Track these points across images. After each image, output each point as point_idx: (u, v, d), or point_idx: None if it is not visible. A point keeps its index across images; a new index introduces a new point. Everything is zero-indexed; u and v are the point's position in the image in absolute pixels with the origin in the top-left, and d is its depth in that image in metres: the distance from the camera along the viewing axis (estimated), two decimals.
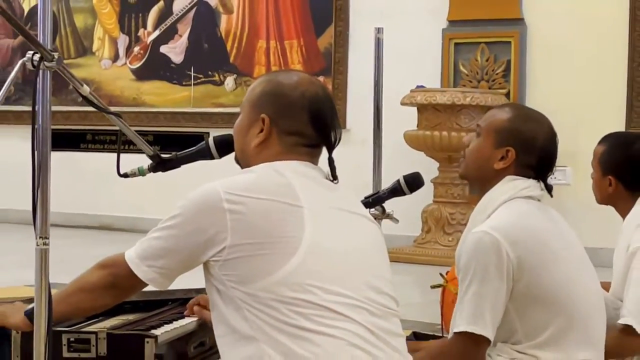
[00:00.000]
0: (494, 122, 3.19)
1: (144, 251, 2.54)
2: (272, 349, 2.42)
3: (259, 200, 2.46)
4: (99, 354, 2.89)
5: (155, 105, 8.79)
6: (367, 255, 2.61)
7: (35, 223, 2.60)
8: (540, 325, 3.07)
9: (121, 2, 9.14)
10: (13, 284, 5.45)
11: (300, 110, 2.58)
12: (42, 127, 2.62)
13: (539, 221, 3.13)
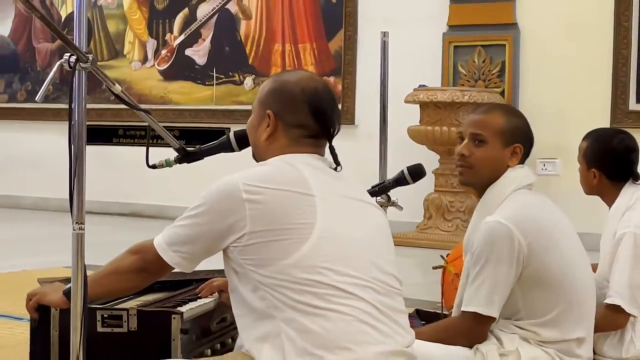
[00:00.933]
0: (495, 125, 3.17)
1: (170, 237, 2.56)
2: (287, 326, 2.44)
3: (275, 191, 2.47)
4: (130, 328, 2.90)
5: (180, 103, 8.80)
6: (373, 239, 2.62)
7: (72, 210, 2.61)
8: (543, 307, 3.07)
9: (150, 9, 9.14)
10: (52, 266, 5.48)
11: (302, 105, 2.61)
12: (78, 123, 2.63)
13: (542, 211, 3.17)
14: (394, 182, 3.69)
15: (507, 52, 7.42)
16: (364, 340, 2.47)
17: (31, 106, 9.70)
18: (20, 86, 9.85)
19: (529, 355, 3.02)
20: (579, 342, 3.09)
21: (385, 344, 2.51)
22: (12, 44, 9.91)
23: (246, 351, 2.54)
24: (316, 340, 2.43)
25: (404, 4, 7.72)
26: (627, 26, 7.02)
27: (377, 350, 2.48)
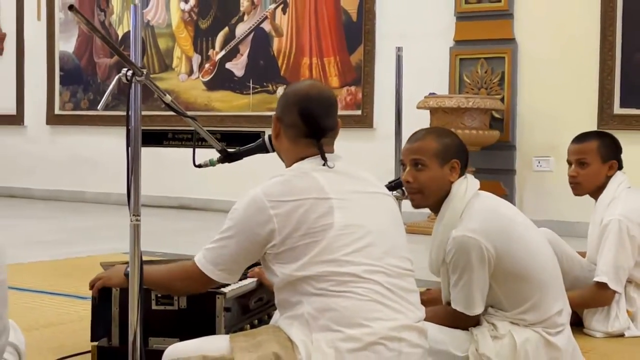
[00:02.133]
0: (430, 148, 3.13)
1: (215, 259, 2.60)
2: (312, 307, 2.48)
3: (295, 202, 2.51)
4: (180, 307, 2.93)
5: (222, 110, 8.83)
6: (385, 227, 2.64)
7: (129, 204, 2.63)
8: (521, 297, 3.10)
9: (195, 28, 9.16)
10: (112, 252, 5.50)
11: (292, 107, 2.63)
12: (134, 128, 2.65)
13: (500, 214, 3.19)
14: None
15: (506, 63, 7.39)
16: (377, 317, 2.49)
17: (92, 113, 9.75)
18: (83, 96, 9.89)
19: (521, 337, 3.03)
20: (559, 314, 3.10)
21: (396, 319, 2.53)
22: (76, 60, 9.95)
23: (278, 326, 2.57)
24: (336, 318, 2.46)
25: (416, 22, 7.71)
26: (611, 40, 6.98)
27: (389, 325, 2.51)
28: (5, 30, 10.46)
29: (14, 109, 10.37)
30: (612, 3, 6.97)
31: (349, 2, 8.24)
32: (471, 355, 2.97)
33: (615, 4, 6.97)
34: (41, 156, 10.12)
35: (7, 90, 10.40)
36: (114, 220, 7.75)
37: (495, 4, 7.46)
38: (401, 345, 2.51)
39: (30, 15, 10.20)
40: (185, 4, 9.21)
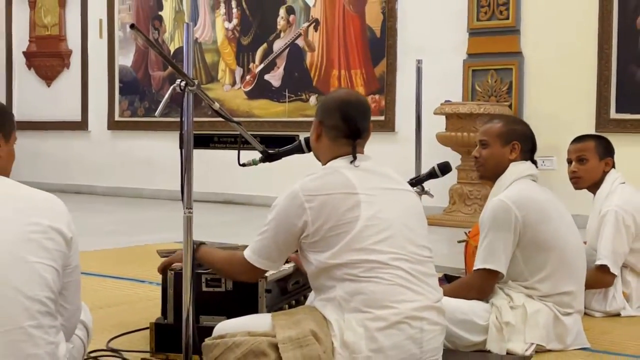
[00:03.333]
0: (494, 131, 3.27)
1: (260, 251, 2.64)
2: (344, 292, 2.49)
3: (327, 196, 2.54)
4: (227, 289, 2.94)
5: (261, 116, 8.85)
6: (408, 219, 2.66)
7: (183, 198, 2.65)
8: (539, 267, 3.10)
9: (237, 44, 9.18)
10: (166, 241, 5.53)
11: (335, 111, 2.65)
12: (187, 132, 2.68)
13: (536, 193, 3.22)
14: (427, 175, 3.71)
15: (513, 74, 7.36)
16: (401, 299, 2.50)
17: (148, 119, 9.81)
18: (139, 105, 9.95)
19: (533, 308, 3.04)
20: (570, 296, 3.10)
21: (418, 301, 2.54)
22: (133, 73, 10.01)
23: (314, 306, 2.58)
24: (365, 301, 2.47)
25: (433, 37, 7.68)
26: (608, 53, 6.94)
27: (412, 306, 2.52)
28: (71, 47, 10.54)
29: (79, 116, 10.45)
30: (609, 20, 6.93)
31: (373, 20, 8.22)
32: (491, 323, 2.98)
33: (611, 21, 6.93)
34: (103, 158, 10.20)
35: (73, 99, 10.49)
36: (167, 213, 7.81)
37: (504, 21, 7.41)
38: (422, 324, 2.52)
39: (93, 34, 10.28)
40: (229, 23, 9.23)
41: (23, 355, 2.10)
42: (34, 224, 2.17)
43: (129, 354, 2.92)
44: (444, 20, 7.72)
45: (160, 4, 9.75)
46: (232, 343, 2.46)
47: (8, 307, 2.08)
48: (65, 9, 10.55)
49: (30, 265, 2.12)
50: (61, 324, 2.25)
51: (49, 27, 10.72)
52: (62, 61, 10.61)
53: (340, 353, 2.45)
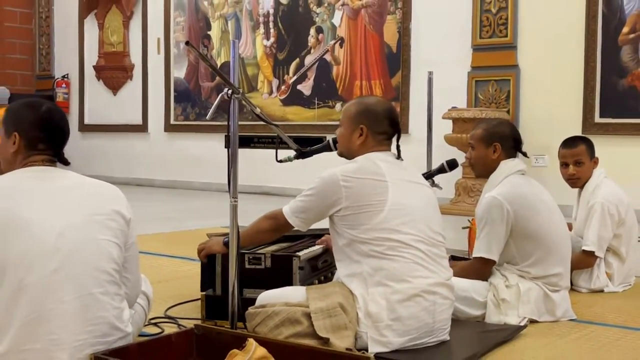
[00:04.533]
0: (477, 134, 3.26)
1: (295, 209, 2.65)
2: (368, 267, 2.50)
3: (361, 179, 2.55)
4: (266, 266, 2.96)
5: (294, 120, 8.87)
6: (426, 208, 2.69)
7: (229, 189, 2.67)
8: (529, 253, 3.09)
9: (274, 59, 9.19)
10: (214, 226, 5.56)
11: (384, 119, 2.67)
12: (232, 134, 2.69)
13: (525, 188, 3.20)
14: (437, 170, 3.70)
15: (511, 84, 7.31)
16: (418, 275, 2.51)
17: (198, 123, 9.85)
18: (191, 111, 10.00)
19: (525, 287, 3.04)
20: (558, 276, 3.09)
21: (432, 278, 2.54)
22: (186, 83, 10.05)
23: (341, 282, 2.59)
24: (387, 276, 2.48)
25: (442, 53, 7.65)
26: (593, 66, 6.89)
27: (427, 282, 2.52)
28: (133, 61, 10.61)
29: (141, 120, 10.52)
30: (594, 38, 6.87)
31: (390, 38, 8.20)
32: (489, 300, 2.98)
33: (596, 39, 6.87)
34: (160, 155, 10.25)
35: (135, 106, 10.55)
36: (215, 202, 7.84)
37: (503, 38, 7.37)
38: (435, 298, 2.53)
39: (152, 50, 10.34)
40: (267, 41, 9.24)
41: (93, 316, 2.14)
42: (100, 208, 2.21)
43: (183, 321, 2.94)
44: (451, 38, 7.68)
45: (209, 24, 9.78)
46: (271, 312, 2.49)
47: (80, 276, 2.12)
48: (128, 29, 10.62)
49: (98, 242, 2.17)
50: (125, 292, 2.28)
51: (115, 45, 10.80)
52: (126, 73, 10.68)
53: (364, 322, 2.46)
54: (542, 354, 2.61)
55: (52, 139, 2.24)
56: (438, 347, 2.55)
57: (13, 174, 2.21)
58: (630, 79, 6.77)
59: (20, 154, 2.23)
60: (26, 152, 2.23)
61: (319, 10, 8.79)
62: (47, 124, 2.23)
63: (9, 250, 2.05)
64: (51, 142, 2.24)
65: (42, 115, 2.23)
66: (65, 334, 2.06)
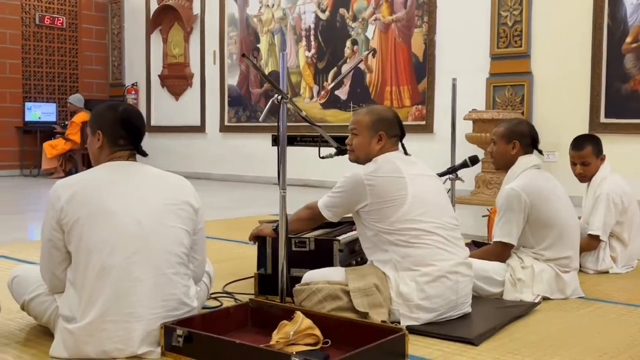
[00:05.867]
0: (498, 132, 3.24)
1: (327, 203, 2.68)
2: (396, 254, 2.51)
3: (382, 178, 2.56)
4: (310, 249, 2.97)
5: (332, 122, 8.87)
6: (439, 197, 2.71)
7: (279, 181, 2.69)
8: (542, 238, 3.06)
9: (315, 68, 9.21)
10: (266, 213, 5.60)
11: (395, 124, 2.65)
12: (281, 134, 2.70)
13: (540, 181, 3.17)
14: (460, 166, 3.69)
15: (525, 89, 7.21)
16: (441, 259, 2.51)
17: (248, 124, 9.92)
18: (242, 113, 10.07)
19: (539, 268, 3.01)
20: (568, 259, 3.07)
21: (453, 259, 2.54)
22: (238, 90, 10.12)
23: (375, 265, 2.60)
24: (414, 261, 2.48)
25: (463, 61, 7.59)
26: (599, 72, 6.77)
27: (449, 263, 2.52)
28: (193, 71, 10.71)
29: (199, 121, 10.62)
30: (600, 47, 6.75)
31: (417, 48, 8.15)
32: (506, 279, 2.97)
33: (602, 48, 6.75)
34: (216, 152, 10.34)
35: (194, 110, 10.66)
36: (263, 193, 7.91)
37: (518, 48, 7.28)
38: (457, 277, 2.53)
39: (209, 61, 10.42)
40: (309, 52, 9.26)
41: (166, 293, 2.18)
42: (172, 198, 2.25)
43: (239, 296, 2.98)
44: (472, 49, 7.61)
45: (258, 38, 9.83)
46: (315, 289, 2.51)
47: (155, 258, 2.16)
48: (188, 43, 10.72)
49: (169, 229, 2.21)
50: (192, 270, 2.32)
51: (177, 57, 10.91)
52: (186, 81, 10.79)
53: (396, 301, 2.47)
54: (555, 327, 2.60)
55: (131, 135, 2.28)
56: (461, 319, 2.55)
57: (98, 168, 2.27)
58: (633, 83, 6.64)
59: (104, 149, 2.28)
60: (109, 147, 2.28)
61: (354, 25, 8.77)
62: (125, 122, 2.27)
63: (95, 235, 2.11)
64: (130, 137, 2.28)
65: (121, 115, 2.28)
66: (142, 308, 2.11)
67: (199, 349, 2.07)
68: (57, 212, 2.14)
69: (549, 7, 7.14)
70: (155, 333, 2.14)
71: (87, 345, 2.10)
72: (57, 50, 11.35)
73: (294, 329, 2.13)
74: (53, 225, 2.16)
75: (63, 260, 2.18)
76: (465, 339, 2.35)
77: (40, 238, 2.24)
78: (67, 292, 2.18)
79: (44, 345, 2.24)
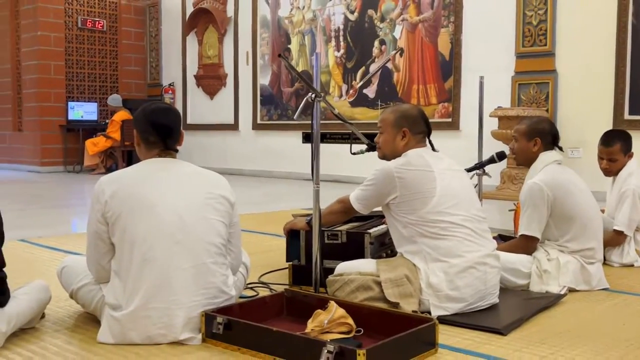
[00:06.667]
0: (520, 129, 3.21)
1: (358, 196, 2.67)
2: (425, 246, 2.52)
3: (412, 171, 2.55)
4: (342, 241, 2.97)
5: (360, 120, 8.85)
6: (467, 191, 2.70)
7: (312, 177, 2.70)
8: (566, 231, 3.05)
9: (343, 68, 9.20)
10: (299, 207, 5.60)
11: (420, 121, 2.65)
12: (315, 131, 2.71)
13: (562, 175, 3.15)
14: (487, 161, 3.67)
15: (550, 86, 7.12)
16: (469, 250, 2.49)
17: (279, 122, 9.95)
18: (274, 112, 10.10)
19: (564, 260, 2.99)
20: (592, 250, 3.04)
21: (481, 251, 2.52)
22: (269, 89, 10.16)
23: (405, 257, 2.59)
24: (442, 253, 2.47)
25: (489, 60, 7.53)
26: (623, 70, 6.66)
27: (477, 255, 2.50)
28: (227, 71, 10.77)
29: (233, 120, 10.68)
30: (624, 45, 6.64)
31: (444, 47, 8.09)
32: (533, 271, 2.95)
33: (626, 47, 6.64)
34: (249, 149, 10.39)
35: (228, 108, 10.72)
36: (293, 188, 7.93)
37: (542, 47, 7.18)
38: (485, 267, 2.51)
39: (242, 62, 10.47)
40: (338, 52, 9.25)
41: (206, 282, 2.21)
42: (209, 193, 2.28)
43: (274, 286, 2.99)
44: (497, 47, 7.53)
45: (289, 39, 9.85)
46: (348, 279, 2.51)
47: (196, 249, 2.19)
48: (222, 44, 10.78)
49: (208, 221, 2.23)
50: (230, 262, 2.35)
51: (212, 58, 10.98)
52: (220, 81, 10.86)
53: (426, 291, 2.47)
54: (581, 318, 2.57)
55: (158, 132, 2.28)
56: (489, 310, 2.53)
57: (140, 165, 2.30)
58: None
59: (141, 147, 2.31)
60: (145, 145, 2.30)
61: (382, 25, 8.74)
62: (152, 120, 2.28)
63: (138, 228, 2.14)
64: (158, 135, 2.28)
65: (149, 113, 2.28)
66: (183, 295, 2.15)
67: (238, 336, 2.09)
68: (101, 206, 2.18)
69: (573, 6, 7.04)
70: (196, 320, 2.17)
71: (132, 331, 2.13)
72: (98, 52, 11.50)
73: (328, 318, 2.14)
74: (98, 218, 2.20)
75: (108, 251, 2.22)
76: (493, 329, 2.34)
77: (85, 231, 2.28)
78: (112, 281, 2.22)
79: (91, 332, 2.29)
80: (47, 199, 7.27)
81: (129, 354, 2.08)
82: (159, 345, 2.14)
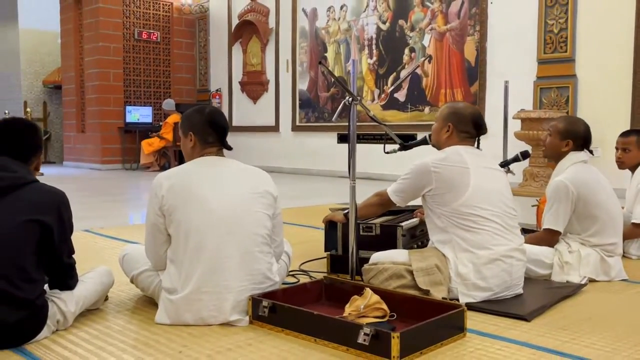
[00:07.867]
0: (556, 127, 3.14)
1: (395, 189, 2.63)
2: (456, 237, 2.47)
3: (448, 166, 2.51)
4: (376, 233, 2.97)
5: (392, 122, 8.80)
6: (501, 188, 2.63)
7: (349, 174, 2.70)
8: (588, 226, 2.98)
9: (376, 73, 9.16)
10: (336, 202, 5.59)
11: (468, 121, 2.60)
12: (351, 132, 2.71)
13: (587, 174, 3.07)
14: (511, 160, 3.61)
15: (570, 90, 6.99)
16: (497, 244, 2.46)
17: (317, 124, 9.96)
18: (312, 115, 10.12)
19: (585, 252, 2.94)
20: (613, 245, 2.98)
21: (508, 245, 2.49)
22: (307, 94, 10.18)
23: (435, 247, 2.58)
24: (472, 244, 2.44)
25: (512, 65, 7.42)
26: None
27: (504, 248, 2.47)
28: (269, 78, 10.83)
29: (274, 122, 10.73)
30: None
31: (470, 54, 8.00)
32: (555, 263, 2.91)
33: None
34: (288, 149, 10.43)
35: (270, 112, 10.78)
36: (329, 185, 7.93)
37: (563, 53, 7.05)
38: (512, 260, 2.48)
39: (282, 69, 10.52)
40: (371, 59, 9.22)
41: (252, 269, 2.23)
42: (255, 188, 2.30)
43: (313, 273, 3.01)
44: (520, 54, 7.42)
45: (326, 48, 9.85)
46: (382, 268, 2.51)
47: (244, 238, 2.22)
48: (265, 53, 10.84)
49: (254, 213, 2.26)
50: (273, 250, 2.37)
51: (255, 65, 11.05)
52: (263, 87, 10.92)
53: (455, 280, 2.45)
54: (601, 307, 2.52)
55: (217, 132, 2.33)
56: (514, 299, 2.51)
57: (193, 162, 2.34)
58: None
59: (196, 147, 2.35)
60: (201, 145, 2.34)
61: (412, 34, 8.68)
62: (212, 122, 2.32)
63: (192, 219, 2.18)
64: (217, 135, 2.33)
65: (208, 116, 2.33)
66: (232, 281, 2.17)
67: (282, 319, 2.11)
68: (159, 200, 2.22)
69: (593, 14, 6.89)
70: (244, 303, 2.20)
71: (187, 313, 2.17)
72: (152, 61, 11.68)
73: (364, 303, 2.15)
74: (156, 210, 2.24)
75: (165, 241, 2.26)
76: (518, 316, 2.31)
77: (142, 222, 2.32)
78: (168, 268, 2.26)
79: (149, 313, 2.33)
80: (106, 193, 7.41)
81: (183, 333, 2.11)
82: (210, 326, 2.17)
